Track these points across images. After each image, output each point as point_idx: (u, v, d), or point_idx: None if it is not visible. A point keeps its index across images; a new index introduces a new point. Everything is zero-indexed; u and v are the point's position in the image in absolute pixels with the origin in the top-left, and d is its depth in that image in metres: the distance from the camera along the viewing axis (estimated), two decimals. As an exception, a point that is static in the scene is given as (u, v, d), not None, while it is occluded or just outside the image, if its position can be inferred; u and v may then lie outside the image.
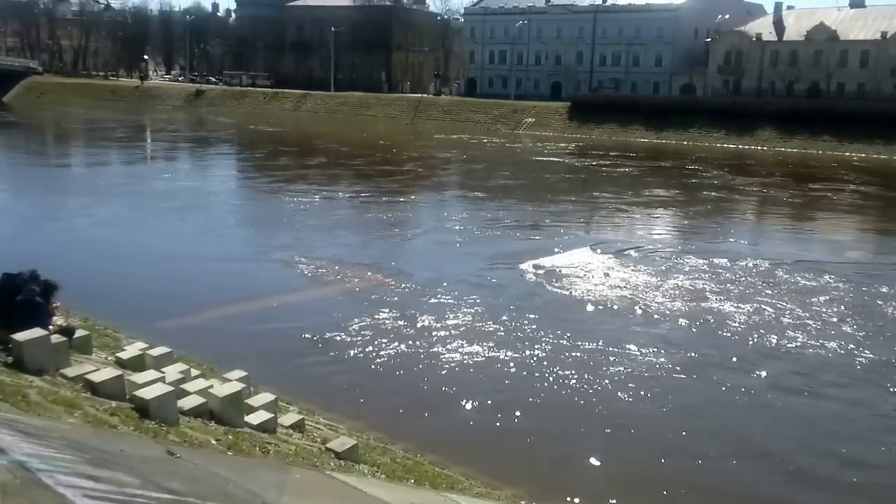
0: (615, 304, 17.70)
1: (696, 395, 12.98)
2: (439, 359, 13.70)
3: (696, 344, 15.22)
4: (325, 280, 19.07)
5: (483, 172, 46.81)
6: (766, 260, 22.60)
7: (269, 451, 7.01)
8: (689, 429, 11.74)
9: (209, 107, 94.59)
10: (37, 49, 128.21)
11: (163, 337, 11.34)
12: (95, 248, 21.84)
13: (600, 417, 11.80)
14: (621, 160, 54.26)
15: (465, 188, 40.17)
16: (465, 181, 43.16)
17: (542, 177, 44.93)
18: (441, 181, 43.54)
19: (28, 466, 3.63)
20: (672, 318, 16.77)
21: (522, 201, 35.26)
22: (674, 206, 35.60)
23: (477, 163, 51.78)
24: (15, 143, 57.70)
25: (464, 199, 36.00)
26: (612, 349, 14.48)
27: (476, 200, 34.91)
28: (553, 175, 45.39)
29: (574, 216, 31.48)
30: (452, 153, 56.72)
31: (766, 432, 11.68)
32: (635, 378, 13.25)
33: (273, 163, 48.30)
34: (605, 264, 21.60)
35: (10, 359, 7.03)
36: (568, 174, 46.56)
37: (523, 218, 30.44)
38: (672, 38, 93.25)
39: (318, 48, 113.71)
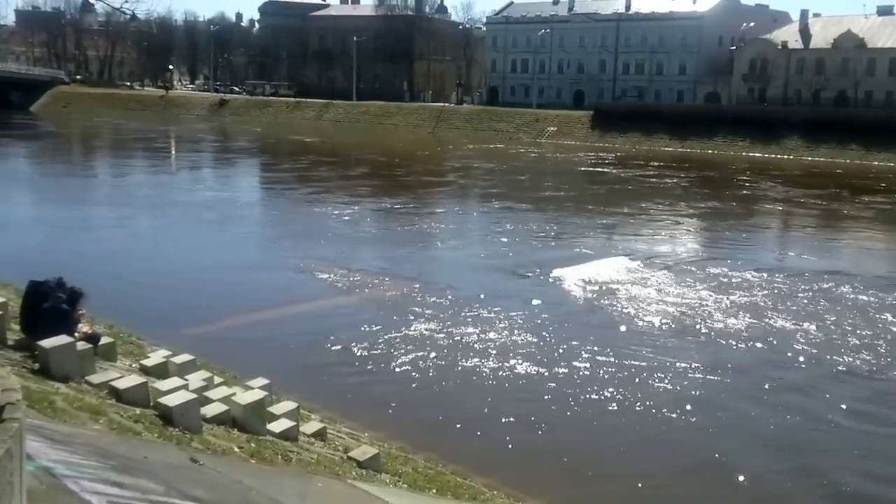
0: (666, 319, 17.00)
1: (745, 419, 12.27)
2: (464, 369, 13.61)
3: (750, 363, 14.53)
4: (354, 289, 19.08)
5: (528, 183, 45.83)
6: (831, 274, 21.59)
7: (291, 460, 7.01)
8: (731, 452, 11.16)
9: (233, 116, 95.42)
10: (63, 59, 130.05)
11: (186, 344, 11.40)
12: (125, 257, 21.93)
13: (634, 435, 11.50)
14: (665, 171, 52.91)
15: (512, 199, 38.18)
16: (512, 192, 41.14)
17: (590, 188, 43.99)
18: (487, 192, 41.52)
19: (54, 472, 3.65)
20: (730, 335, 15.99)
21: (572, 213, 34.24)
22: (732, 218, 34.34)
23: (519, 173, 50.67)
24: (45, 152, 58.39)
25: (512, 211, 34.28)
26: (654, 366, 13.92)
27: (526, 212, 33.84)
28: (600, 186, 44.38)
29: (630, 228, 30.26)
30: (493, 164, 55.52)
31: (841, 465, 10.90)
32: (677, 397, 12.71)
33: (314, 173, 47.36)
34: (661, 279, 20.74)
35: (37, 365, 7.09)
36: (615, 185, 45.29)
37: (575, 230, 29.64)
38: (696, 46, 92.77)
39: (340, 58, 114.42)
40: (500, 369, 13.62)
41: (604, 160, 60.46)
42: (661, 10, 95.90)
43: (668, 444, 11.33)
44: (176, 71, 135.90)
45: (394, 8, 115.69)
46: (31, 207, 31.93)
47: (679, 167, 55.60)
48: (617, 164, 57.63)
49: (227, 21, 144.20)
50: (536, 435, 11.44)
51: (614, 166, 55.83)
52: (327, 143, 70.20)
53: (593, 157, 63.23)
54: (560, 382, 13.19)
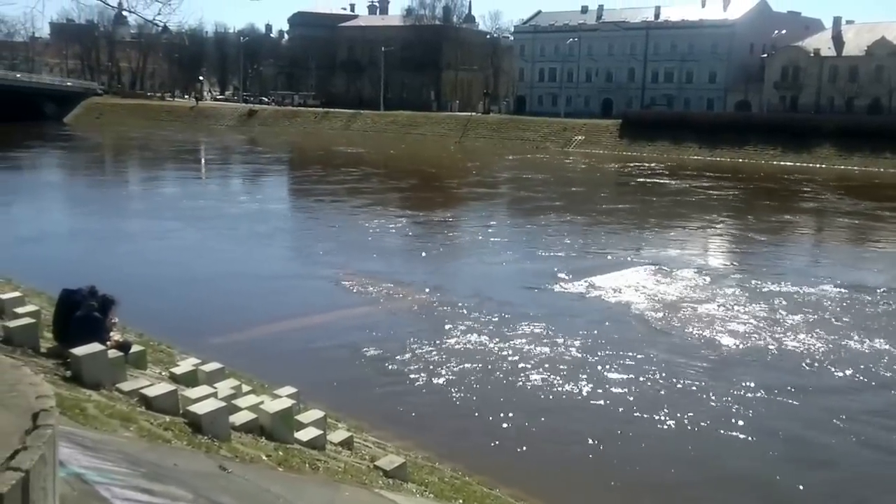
0: (734, 338, 16.28)
1: (775, 444, 11.76)
2: (492, 380, 13.56)
3: (832, 386, 13.74)
4: (384, 299, 19.12)
5: (582, 195, 44.76)
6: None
7: (318, 468, 7.03)
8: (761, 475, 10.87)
9: (261, 126, 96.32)
10: (97, 71, 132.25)
11: (215, 353, 11.50)
12: (161, 267, 22.19)
13: (663, 451, 11.35)
14: (721, 182, 51.36)
15: (571, 211, 36.78)
16: (569, 204, 39.65)
17: (648, 199, 42.52)
18: (542, 204, 39.45)
19: (86, 479, 3.69)
20: (803, 354, 15.39)
21: (636, 227, 32.95)
22: (808, 231, 33.62)
23: (570, 184, 49.67)
24: (81, 163, 59.13)
25: (571, 224, 33.31)
26: (698, 386, 13.53)
27: (585, 225, 32.99)
28: (660, 198, 43.19)
29: (699, 243, 29.60)
30: (542, 175, 54.50)
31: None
32: (715, 416, 12.36)
33: (366, 185, 46.44)
34: (731, 296, 19.91)
35: (69, 373, 7.20)
36: (675, 196, 44.13)
37: (644, 244, 28.51)
38: (726, 54, 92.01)
39: (368, 68, 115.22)
40: (531, 381, 13.55)
41: (654, 170, 59.21)
42: (691, 17, 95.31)
43: (702, 461, 11.16)
44: (206, 82, 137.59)
45: (422, 18, 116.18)
46: (68, 217, 32.40)
47: (734, 178, 54.16)
48: (668, 174, 56.30)
49: (257, 32, 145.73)
50: (564, 446, 11.38)
51: (667, 177, 54.48)
52: (359, 153, 69.84)
53: (641, 167, 61.87)
54: (591, 395, 13.06)
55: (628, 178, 54.96)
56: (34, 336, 8.00)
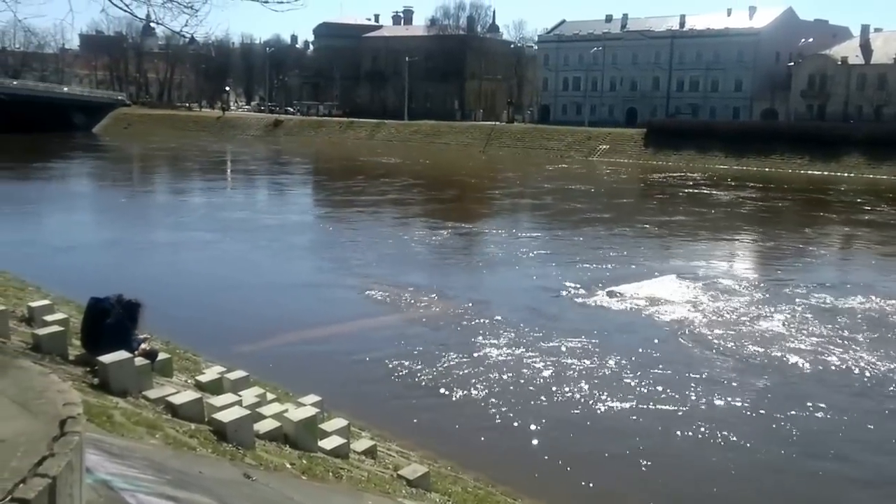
0: (783, 358, 15.68)
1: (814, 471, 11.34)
2: (520, 391, 13.47)
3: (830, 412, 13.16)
4: (409, 308, 19.15)
5: (629, 207, 43.50)
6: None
7: (342, 477, 7.03)
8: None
9: (287, 136, 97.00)
10: (125, 82, 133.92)
11: (240, 361, 11.57)
12: (192, 277, 22.44)
13: (689, 466, 11.19)
14: (767, 192, 50.54)
15: (619, 223, 35.66)
16: (618, 216, 38.51)
17: (699, 211, 40.88)
18: (590, 216, 38.18)
19: (112, 485, 3.72)
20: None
21: (692, 239, 31.88)
22: (872, 244, 32.35)
23: (614, 195, 48.49)
24: (111, 173, 59.74)
25: (625, 236, 32.09)
26: (747, 405, 13.18)
27: (635, 237, 31.97)
28: (709, 209, 41.74)
29: (758, 256, 28.73)
30: (584, 185, 53.46)
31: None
32: (758, 435, 12.01)
33: (407, 196, 46.20)
34: (794, 313, 19.06)
35: (96, 380, 7.27)
36: (726, 208, 42.70)
37: (700, 257, 27.49)
38: (752, 63, 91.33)
39: (392, 78, 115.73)
40: (563, 395, 13.39)
41: (697, 181, 57.90)
42: (717, 26, 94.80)
43: (749, 483, 10.85)
44: (232, 92, 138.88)
45: (446, 28, 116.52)
46: (102, 227, 32.63)
47: (779, 188, 53.09)
48: (711, 184, 54.96)
49: (283, 43, 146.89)
50: (593, 461, 11.25)
51: (710, 187, 53.21)
52: (395, 163, 69.11)
53: (685, 177, 60.62)
54: (627, 412, 12.80)
55: (672, 188, 53.53)
56: (63, 344, 8.09)
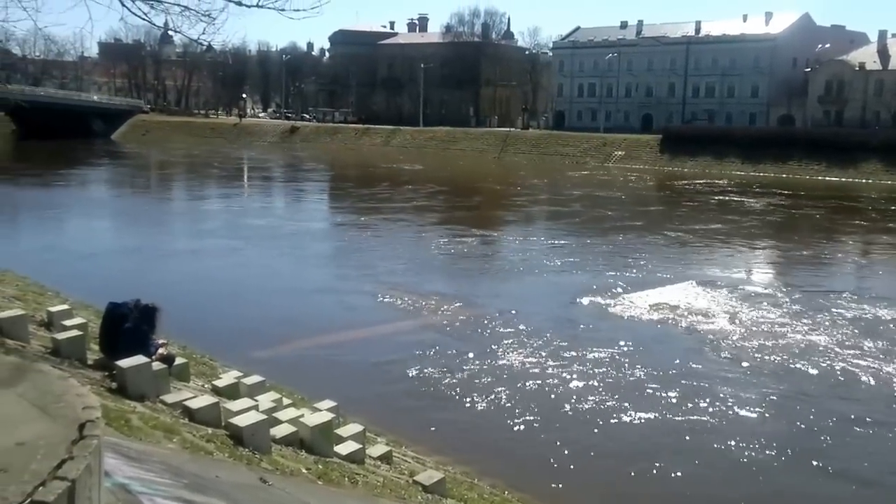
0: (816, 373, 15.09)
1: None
2: (539, 400, 13.37)
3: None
4: (426, 314, 19.12)
5: (660, 214, 42.07)
6: None
7: (357, 482, 7.04)
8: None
9: (303, 143, 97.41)
10: (143, 89, 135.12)
11: (256, 366, 11.61)
12: (212, 283, 22.38)
13: (715, 480, 11.01)
14: (799, 200, 49.18)
15: (652, 231, 34.71)
16: (650, 224, 37.42)
17: (733, 219, 39.64)
18: (622, 224, 37.04)
19: (130, 489, 3.74)
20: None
21: (730, 248, 31.07)
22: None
23: (643, 203, 47.60)
24: (130, 180, 59.94)
25: (658, 245, 31.10)
26: (767, 417, 12.82)
27: (673, 245, 31.13)
28: (742, 217, 40.69)
29: (800, 267, 27.55)
30: (612, 192, 52.13)
31: None
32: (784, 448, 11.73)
33: (434, 203, 45.57)
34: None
35: (114, 385, 7.32)
36: (759, 216, 41.76)
37: (742, 267, 26.84)
38: (769, 69, 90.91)
39: (407, 84, 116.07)
40: (585, 404, 13.24)
41: (720, 187, 56.80)
42: (733, 32, 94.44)
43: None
44: (249, 99, 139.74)
45: (461, 35, 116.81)
46: (119, 233, 32.68)
47: (809, 195, 51.74)
48: (739, 191, 53.80)
49: (299, 50, 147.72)
50: (607, 466, 11.20)
51: (738, 194, 52.03)
52: (417, 170, 68.48)
53: (713, 184, 59.34)
54: (649, 422, 12.58)
55: (700, 195, 52.21)
56: (81, 348, 8.16)
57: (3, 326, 8.04)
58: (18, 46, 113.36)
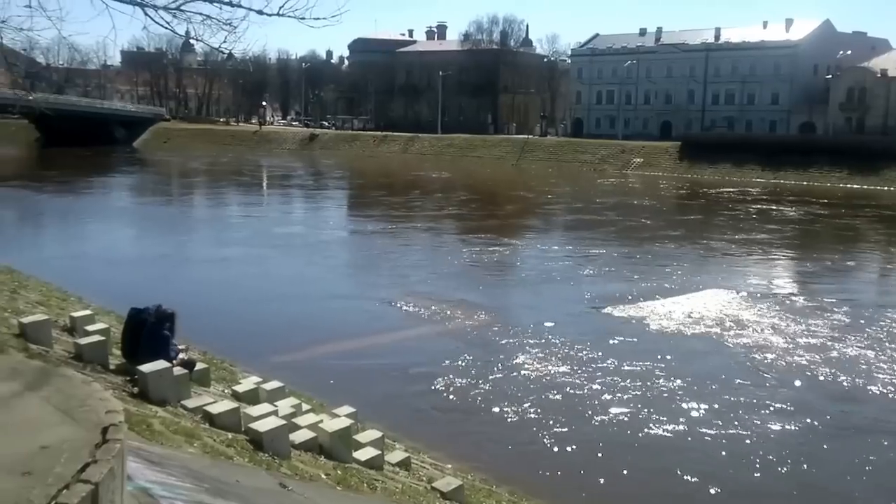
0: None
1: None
2: (554, 405, 13.33)
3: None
4: (446, 320, 19.11)
5: (698, 224, 40.69)
6: None
7: (376, 488, 7.04)
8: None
9: (322, 150, 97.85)
10: (165, 97, 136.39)
11: (276, 371, 11.66)
12: (239, 291, 22.35)
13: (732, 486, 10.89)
14: (838, 209, 47.74)
15: (690, 241, 33.86)
16: (688, 233, 36.31)
17: (774, 229, 38.58)
18: (659, 233, 36.12)
19: (151, 493, 3.76)
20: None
21: (778, 258, 30.46)
22: None
23: (677, 212, 46.70)
24: (153, 188, 60.22)
25: (697, 255, 30.42)
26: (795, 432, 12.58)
27: (713, 254, 30.45)
28: (784, 226, 39.80)
29: (853, 281, 26.78)
30: (644, 201, 51.64)
31: None
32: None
33: (465, 212, 45.12)
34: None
35: (136, 389, 7.38)
36: (797, 225, 40.95)
37: (793, 280, 26.14)
38: (790, 76, 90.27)
39: (426, 92, 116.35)
40: (607, 414, 13.11)
41: (752, 195, 55.68)
42: (753, 39, 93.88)
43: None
44: (269, 107, 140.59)
45: (479, 43, 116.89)
46: (144, 240, 32.73)
47: (848, 205, 50.36)
48: (771, 200, 52.45)
49: (318, 58, 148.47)
50: (628, 477, 11.11)
51: (773, 203, 50.57)
52: (446, 177, 68.08)
53: (745, 192, 58.29)
54: (676, 435, 12.39)
55: (735, 204, 50.69)
56: (104, 353, 8.23)
57: (27, 331, 8.13)
58: (42, 55, 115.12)
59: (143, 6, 6.91)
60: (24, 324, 8.33)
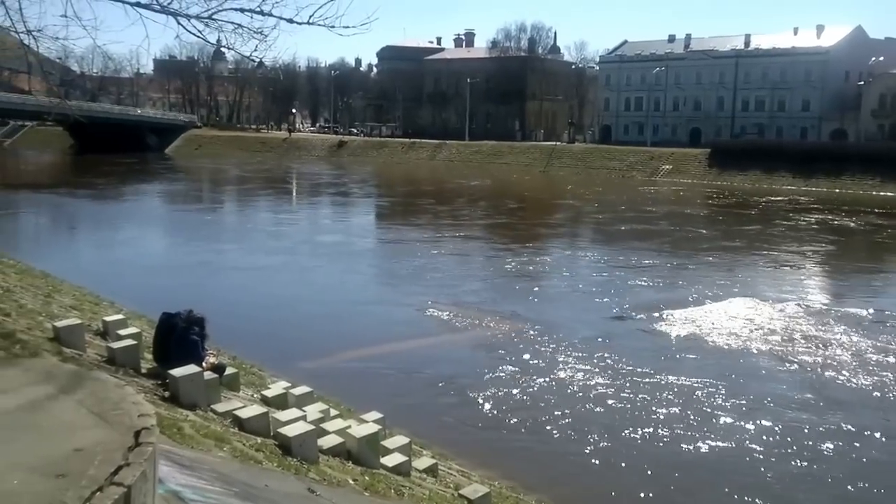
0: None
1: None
2: (583, 414, 13.21)
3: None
4: (471, 328, 19.08)
5: (757, 235, 38.65)
6: None
7: (403, 494, 7.04)
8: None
9: (350, 157, 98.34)
10: (196, 104, 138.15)
11: (304, 376, 11.71)
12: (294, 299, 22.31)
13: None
14: (891, 219, 45.87)
15: (759, 252, 32.41)
16: (752, 244, 34.92)
17: (836, 240, 37.47)
18: (721, 244, 34.73)
19: (182, 496, 3.80)
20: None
21: (852, 274, 29.20)
22: None
23: (733, 222, 44.42)
24: (195, 193, 60.92)
25: (771, 269, 28.86)
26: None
27: (795, 269, 28.87)
28: (852, 238, 38.78)
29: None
30: (693, 210, 50.63)
31: None
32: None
33: (513, 220, 44.28)
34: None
35: (167, 393, 7.46)
36: (861, 236, 39.51)
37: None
38: (821, 82, 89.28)
39: (453, 99, 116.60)
40: (641, 426, 12.89)
41: (803, 204, 54.11)
42: (783, 45, 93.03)
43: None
44: (298, 114, 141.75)
45: (507, 50, 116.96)
46: (176, 246, 32.83)
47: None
48: (825, 209, 50.30)
49: (347, 66, 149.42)
50: (659, 493, 10.97)
51: (827, 212, 48.54)
52: (485, 184, 67.39)
53: (797, 200, 56.74)
54: (714, 451, 12.09)
55: (790, 213, 48.71)
56: (135, 357, 8.33)
57: (61, 335, 8.25)
58: (77, 63, 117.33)
59: (176, 15, 7.02)
60: (58, 327, 8.45)
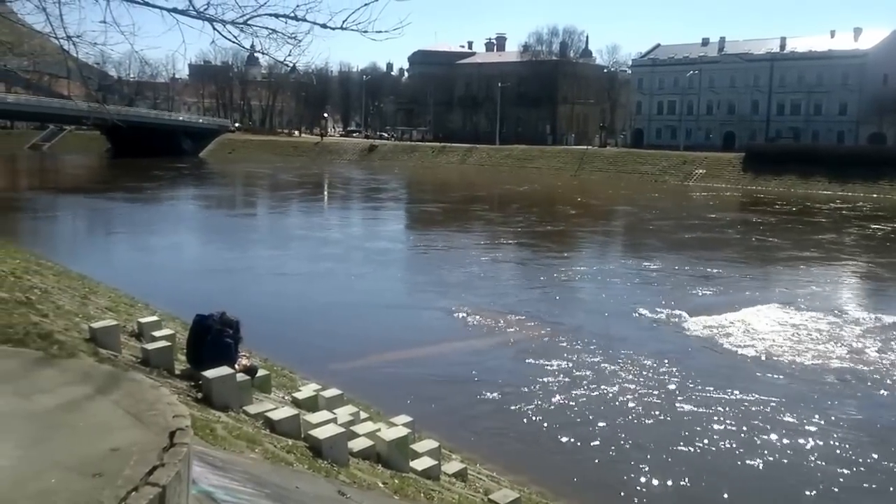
0: None
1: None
2: (614, 421, 13.10)
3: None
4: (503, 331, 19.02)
5: (830, 243, 37.15)
6: None
7: (433, 498, 7.04)
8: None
9: (381, 161, 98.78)
10: (230, 108, 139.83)
11: (335, 379, 11.77)
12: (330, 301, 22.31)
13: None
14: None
15: (835, 265, 31.02)
16: (826, 255, 33.49)
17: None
18: (793, 254, 33.47)
19: (214, 497, 3.83)
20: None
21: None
22: None
23: (794, 230, 42.64)
24: (234, 198, 61.25)
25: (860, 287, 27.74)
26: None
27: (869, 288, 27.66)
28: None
29: None
30: (756, 216, 48.43)
31: None
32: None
33: (573, 228, 43.38)
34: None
35: (200, 395, 7.54)
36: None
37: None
38: (858, 85, 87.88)
39: (484, 103, 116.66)
40: (665, 430, 12.78)
41: (862, 211, 52.57)
42: (820, 48, 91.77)
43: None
44: (330, 118, 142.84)
45: (539, 54, 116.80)
46: (211, 250, 32.92)
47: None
48: (888, 217, 48.74)
49: (378, 71, 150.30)
50: (686, 492, 10.89)
51: (892, 220, 47.01)
52: (533, 189, 66.66)
53: (856, 206, 55.34)
54: (751, 465, 11.75)
55: (850, 220, 47.22)
56: (169, 358, 8.43)
57: (97, 336, 8.38)
58: (115, 69, 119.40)
59: (212, 21, 7.11)
60: (94, 329, 8.59)
